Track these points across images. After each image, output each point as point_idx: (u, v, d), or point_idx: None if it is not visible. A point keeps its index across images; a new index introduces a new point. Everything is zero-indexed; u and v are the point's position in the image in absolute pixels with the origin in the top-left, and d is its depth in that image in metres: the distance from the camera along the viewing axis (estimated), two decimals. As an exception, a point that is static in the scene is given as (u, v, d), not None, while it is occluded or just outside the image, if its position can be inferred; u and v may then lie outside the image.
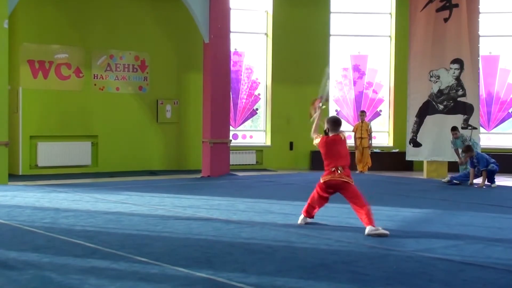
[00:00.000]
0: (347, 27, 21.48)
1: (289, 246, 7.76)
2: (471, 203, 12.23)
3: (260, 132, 21.30)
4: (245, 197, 12.46)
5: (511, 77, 21.04)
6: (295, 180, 16.28)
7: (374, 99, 21.59)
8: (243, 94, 20.99)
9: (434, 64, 18.13)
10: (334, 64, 21.37)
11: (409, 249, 7.55)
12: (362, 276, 6.33)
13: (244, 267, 6.55)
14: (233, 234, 8.47)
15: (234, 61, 20.42)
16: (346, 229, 8.96)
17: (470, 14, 18.02)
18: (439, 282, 6.17)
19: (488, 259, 7.08)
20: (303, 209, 9.33)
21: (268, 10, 20.95)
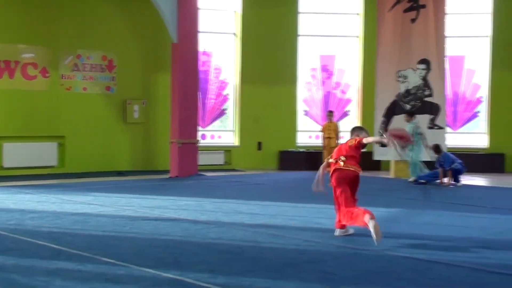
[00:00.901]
0: (315, 27, 21.53)
1: (257, 246, 7.75)
2: (437, 202, 12.33)
3: (229, 132, 21.27)
4: (213, 198, 12.43)
5: (476, 77, 21.25)
6: (263, 180, 16.29)
7: (342, 99, 21.67)
8: (212, 94, 20.94)
9: (401, 64, 18.26)
10: (302, 64, 21.40)
11: (376, 248, 7.58)
12: (330, 275, 6.35)
13: (211, 268, 6.53)
14: (201, 234, 8.45)
15: (203, 61, 20.35)
16: (314, 229, 8.98)
17: (437, 15, 18.18)
18: (406, 280, 6.21)
19: (454, 258, 7.14)
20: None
21: (237, 10, 20.93)
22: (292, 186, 15.19)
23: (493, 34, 20.90)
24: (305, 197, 12.72)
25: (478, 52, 21.23)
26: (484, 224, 9.64)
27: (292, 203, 11.72)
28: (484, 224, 9.64)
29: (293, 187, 14.98)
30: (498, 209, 11.43)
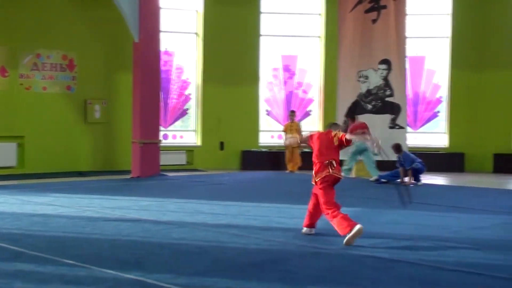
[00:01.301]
0: (277, 27, 21.57)
1: (219, 246, 7.74)
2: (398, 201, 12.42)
3: (191, 132, 21.21)
4: (175, 198, 12.37)
5: (436, 78, 21.50)
6: (226, 180, 16.27)
7: (304, 99, 21.75)
8: (174, 94, 20.85)
9: (362, 64, 18.38)
10: (264, 64, 21.44)
11: (338, 247, 7.62)
12: (292, 274, 6.36)
13: (174, 268, 6.51)
14: (163, 235, 8.41)
15: (165, 60, 20.25)
16: (276, 229, 8.99)
17: (398, 16, 18.35)
18: (368, 279, 6.26)
19: (415, 256, 7.21)
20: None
21: (199, 10, 20.88)
22: (254, 186, 15.20)
23: (452, 35, 21.16)
24: (267, 197, 12.74)
25: (438, 53, 21.48)
26: (444, 223, 9.75)
27: (254, 203, 11.73)
28: (444, 223, 9.75)
29: (255, 187, 14.99)
30: (457, 208, 11.57)
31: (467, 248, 7.83)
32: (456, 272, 6.54)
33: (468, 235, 8.82)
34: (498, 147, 20.70)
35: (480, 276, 6.38)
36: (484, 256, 7.44)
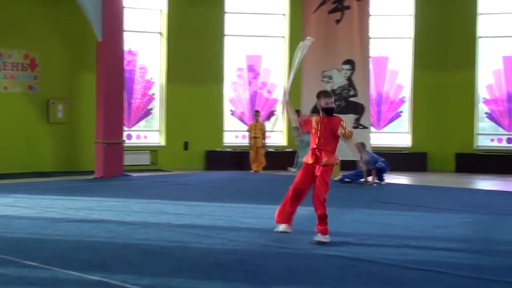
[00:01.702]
0: (241, 27, 21.57)
1: (184, 246, 7.73)
2: (362, 200, 12.52)
3: (155, 132, 21.10)
4: (139, 198, 12.31)
5: (399, 78, 21.68)
6: (190, 180, 16.23)
7: (268, 99, 21.79)
8: (137, 93, 20.74)
9: (326, 64, 18.44)
10: (229, 64, 21.42)
11: (303, 247, 7.66)
12: (257, 274, 6.37)
13: (138, 269, 6.47)
14: (127, 235, 8.36)
15: (128, 60, 20.14)
16: (240, 229, 8.99)
17: (361, 16, 18.43)
18: (333, 278, 6.29)
19: (378, 255, 7.27)
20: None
21: (163, 9, 20.79)
22: (218, 186, 15.19)
23: (415, 35, 21.37)
24: (231, 197, 12.74)
25: (401, 53, 21.67)
26: (407, 222, 9.84)
27: (218, 203, 11.71)
28: (406, 222, 9.84)
29: (219, 187, 14.98)
30: (420, 207, 11.68)
31: (430, 246, 7.92)
32: (418, 270, 6.61)
33: (431, 233, 8.92)
34: (460, 146, 20.95)
35: (442, 274, 6.45)
36: (446, 254, 7.53)
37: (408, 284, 6.15)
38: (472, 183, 17.73)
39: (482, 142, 21.35)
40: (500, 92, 20.98)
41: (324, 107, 8.17)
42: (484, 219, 10.43)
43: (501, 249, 7.89)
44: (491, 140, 21.36)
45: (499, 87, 20.98)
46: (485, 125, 21.46)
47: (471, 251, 7.76)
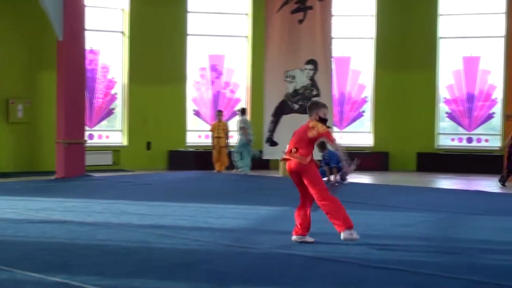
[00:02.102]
0: (204, 27, 21.52)
1: (147, 246, 7.68)
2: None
3: (117, 132, 20.95)
4: (101, 198, 12.21)
5: (362, 78, 21.83)
6: (152, 181, 16.15)
7: (232, 99, 21.77)
8: (99, 93, 20.56)
9: (289, 64, 18.48)
10: (191, 64, 21.36)
11: (265, 246, 7.66)
12: (219, 274, 6.36)
13: (100, 270, 6.42)
14: (88, 236, 8.28)
15: (90, 59, 19.97)
16: (203, 229, 8.97)
17: (324, 17, 18.51)
18: (295, 277, 6.30)
19: (340, 254, 7.29)
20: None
21: (125, 8, 20.65)
22: (181, 186, 15.13)
23: (376, 36, 21.53)
24: (194, 197, 12.71)
25: (363, 54, 21.82)
26: (369, 221, 9.89)
27: (181, 203, 11.67)
28: (368, 221, 9.89)
29: (182, 187, 14.93)
30: (382, 206, 11.77)
31: (392, 245, 7.97)
32: (381, 269, 6.65)
33: (393, 232, 8.99)
34: (421, 146, 21.17)
35: (405, 272, 6.50)
36: (408, 253, 7.59)
37: (371, 283, 6.18)
38: (433, 182, 17.91)
39: (443, 141, 21.60)
40: (460, 92, 21.25)
41: (323, 117, 8.15)
42: (445, 217, 10.54)
43: (461, 247, 7.98)
44: (452, 140, 21.62)
45: (459, 87, 21.24)
46: (446, 124, 21.72)
47: (433, 249, 7.83)
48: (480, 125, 21.21)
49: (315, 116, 8.14)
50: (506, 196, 14.39)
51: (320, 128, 7.94)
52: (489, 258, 7.33)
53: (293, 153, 7.97)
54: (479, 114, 21.14)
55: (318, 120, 8.12)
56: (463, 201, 13.09)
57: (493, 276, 6.42)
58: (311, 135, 7.94)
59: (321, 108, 8.27)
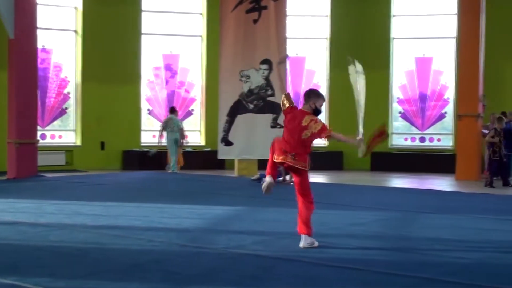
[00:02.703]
0: (159, 26, 21.40)
1: (100, 248, 7.61)
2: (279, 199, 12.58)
3: (70, 132, 20.73)
4: (54, 199, 12.06)
5: (316, 78, 21.95)
6: (106, 181, 16.00)
7: (186, 98, 21.71)
8: (52, 92, 20.32)
9: (244, 64, 18.47)
10: (146, 63, 21.24)
11: (220, 246, 7.65)
12: (174, 275, 6.33)
13: (52, 271, 6.34)
14: (40, 237, 8.17)
15: (42, 58, 19.71)
16: (158, 229, 8.92)
17: (278, 17, 18.54)
18: (249, 277, 6.31)
19: (296, 253, 7.32)
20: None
21: (78, 7, 20.43)
22: (135, 186, 15.03)
23: (331, 36, 21.68)
24: (149, 197, 12.63)
25: (318, 53, 21.95)
26: (324, 220, 9.93)
27: (135, 203, 11.59)
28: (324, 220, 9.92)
29: (137, 187, 14.83)
30: (336, 205, 11.84)
31: (346, 244, 8.03)
32: (335, 268, 6.70)
33: (347, 231, 9.06)
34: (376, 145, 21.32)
35: (359, 271, 6.55)
36: (362, 251, 7.66)
37: (325, 282, 6.22)
38: (386, 182, 18.10)
39: (396, 141, 21.85)
40: (413, 92, 21.52)
41: (318, 109, 7.86)
42: (398, 216, 10.66)
43: (413, 245, 8.08)
44: (405, 139, 21.89)
45: (412, 88, 21.51)
46: (399, 124, 21.97)
47: (386, 247, 7.91)
48: (433, 124, 21.52)
49: (312, 104, 7.77)
50: (457, 194, 14.61)
51: (313, 128, 7.64)
52: (440, 255, 7.43)
53: (292, 157, 7.65)
54: (431, 114, 21.44)
55: (314, 109, 7.80)
56: (416, 199, 13.25)
57: (443, 273, 6.51)
58: (304, 136, 7.66)
59: (320, 98, 7.90)
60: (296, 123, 7.67)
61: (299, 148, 7.65)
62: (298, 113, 7.74)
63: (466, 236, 8.78)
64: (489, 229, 9.36)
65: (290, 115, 7.77)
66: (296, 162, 7.64)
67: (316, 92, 8.05)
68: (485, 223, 9.91)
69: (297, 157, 7.63)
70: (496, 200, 13.21)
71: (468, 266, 6.93)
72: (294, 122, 7.69)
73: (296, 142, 7.64)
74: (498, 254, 7.61)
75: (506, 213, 11.04)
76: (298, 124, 7.65)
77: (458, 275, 6.48)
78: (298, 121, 7.66)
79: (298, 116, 7.70)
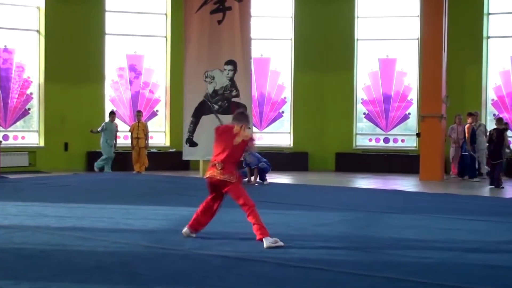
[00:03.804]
0: (123, 26, 21.29)
1: (64, 249, 7.54)
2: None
3: (33, 133, 20.52)
4: (17, 201, 11.91)
5: (281, 79, 22.01)
6: (70, 182, 15.87)
7: (151, 99, 21.62)
8: (14, 93, 20.09)
9: (209, 65, 18.46)
10: (110, 64, 21.11)
11: (185, 247, 7.63)
12: (139, 276, 6.31)
13: (15, 274, 6.27)
14: (3, 239, 8.08)
15: (4, 58, 19.48)
16: (123, 230, 8.87)
17: (242, 17, 18.56)
18: (215, 278, 6.30)
19: (261, 254, 7.33)
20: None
21: (40, 6, 20.23)
22: (100, 187, 14.92)
23: (294, 37, 21.76)
24: (113, 198, 12.55)
25: (282, 55, 22.02)
26: (289, 220, 9.98)
27: (100, 205, 11.51)
28: (288, 221, 9.98)
29: (101, 188, 14.72)
30: (301, 206, 11.89)
31: (311, 244, 8.06)
32: (300, 268, 6.72)
33: (312, 231, 9.09)
34: (340, 146, 21.49)
35: (324, 271, 6.58)
36: (327, 251, 7.69)
37: (291, 283, 6.23)
38: (351, 182, 18.21)
39: (361, 141, 22.01)
40: (377, 93, 21.68)
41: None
42: (363, 216, 10.73)
43: (379, 245, 8.13)
44: (369, 140, 22.05)
45: (376, 89, 21.68)
46: (363, 125, 22.13)
47: (351, 248, 7.95)
48: (397, 125, 21.71)
49: (242, 127, 8.09)
50: (421, 195, 14.76)
51: (243, 134, 7.99)
52: (404, 255, 7.49)
53: (218, 169, 7.89)
54: (395, 115, 21.62)
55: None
56: (380, 200, 13.35)
57: (407, 273, 6.57)
58: (235, 142, 7.92)
59: (247, 124, 8.30)
60: (227, 132, 8.05)
61: (228, 157, 7.92)
62: (229, 126, 8.15)
63: (430, 236, 8.87)
64: (453, 229, 9.46)
65: (221, 128, 8.30)
66: (222, 175, 7.88)
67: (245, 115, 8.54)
68: (449, 223, 10.02)
69: (224, 169, 7.88)
70: (460, 200, 13.38)
71: (432, 266, 7.00)
72: (226, 132, 8.07)
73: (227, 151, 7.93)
74: (462, 253, 7.70)
75: (470, 213, 11.17)
76: (229, 133, 8.02)
77: (422, 274, 6.54)
78: (229, 131, 8.05)
79: (229, 127, 8.12)
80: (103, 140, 18.98)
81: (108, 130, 19.00)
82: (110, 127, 19.05)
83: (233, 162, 8.02)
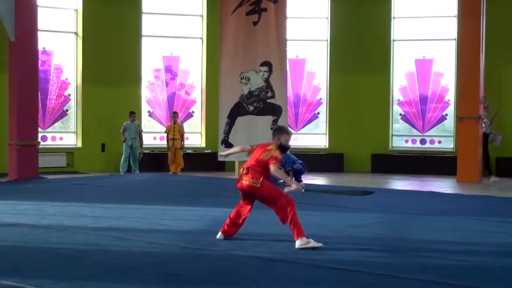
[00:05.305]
0: (159, 28, 21.44)
1: (101, 249, 7.61)
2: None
3: (71, 134, 20.75)
4: (55, 201, 12.07)
5: (317, 80, 21.97)
6: (107, 183, 16.02)
7: (187, 100, 21.73)
8: (53, 94, 20.35)
9: (244, 66, 18.53)
10: (146, 65, 21.27)
11: (221, 248, 7.65)
12: (174, 277, 6.34)
13: (53, 273, 6.35)
14: (41, 239, 8.18)
15: (43, 60, 19.74)
16: (159, 231, 8.93)
17: (278, 19, 18.60)
18: (250, 279, 6.31)
19: (296, 255, 7.33)
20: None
21: (78, 8, 20.46)
22: (136, 188, 15.04)
23: (330, 38, 21.69)
24: (149, 199, 12.65)
25: (318, 56, 21.96)
26: (323, 222, 9.96)
27: (136, 205, 11.60)
28: (323, 222, 9.95)
29: (137, 189, 14.83)
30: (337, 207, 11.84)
31: (346, 246, 8.03)
32: (335, 270, 6.70)
33: (347, 233, 9.05)
34: (376, 147, 21.38)
35: (359, 273, 6.56)
36: (362, 253, 7.65)
37: (324, 284, 6.22)
38: (387, 184, 18.09)
39: (397, 143, 21.86)
40: (413, 94, 21.52)
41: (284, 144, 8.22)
42: (399, 218, 10.66)
43: (414, 247, 8.07)
44: (406, 141, 21.89)
45: (413, 90, 21.52)
46: (400, 126, 21.98)
47: (386, 249, 7.91)
48: (433, 126, 21.52)
49: (277, 141, 8.21)
50: (458, 196, 14.61)
51: (273, 154, 8.04)
52: (440, 258, 7.43)
53: (244, 174, 8.10)
54: (432, 116, 21.44)
55: (279, 145, 8.19)
56: (417, 202, 13.24)
57: (442, 275, 6.51)
58: (264, 157, 8.06)
59: (283, 134, 8.30)
60: (264, 147, 8.25)
61: (256, 165, 8.08)
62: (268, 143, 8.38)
63: (467, 239, 8.78)
64: (490, 232, 9.36)
65: (261, 144, 8.47)
66: (249, 179, 8.05)
67: (279, 129, 8.59)
68: (486, 226, 9.91)
69: (251, 173, 8.03)
70: (497, 203, 13.21)
71: (469, 269, 6.93)
72: (262, 147, 8.28)
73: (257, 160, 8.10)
74: (498, 257, 7.61)
75: (507, 216, 11.04)
76: (265, 148, 8.21)
77: (457, 277, 6.48)
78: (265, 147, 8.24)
79: (267, 143, 8.37)
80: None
81: (128, 130, 19.20)
82: (130, 128, 19.25)
83: (259, 170, 8.08)
